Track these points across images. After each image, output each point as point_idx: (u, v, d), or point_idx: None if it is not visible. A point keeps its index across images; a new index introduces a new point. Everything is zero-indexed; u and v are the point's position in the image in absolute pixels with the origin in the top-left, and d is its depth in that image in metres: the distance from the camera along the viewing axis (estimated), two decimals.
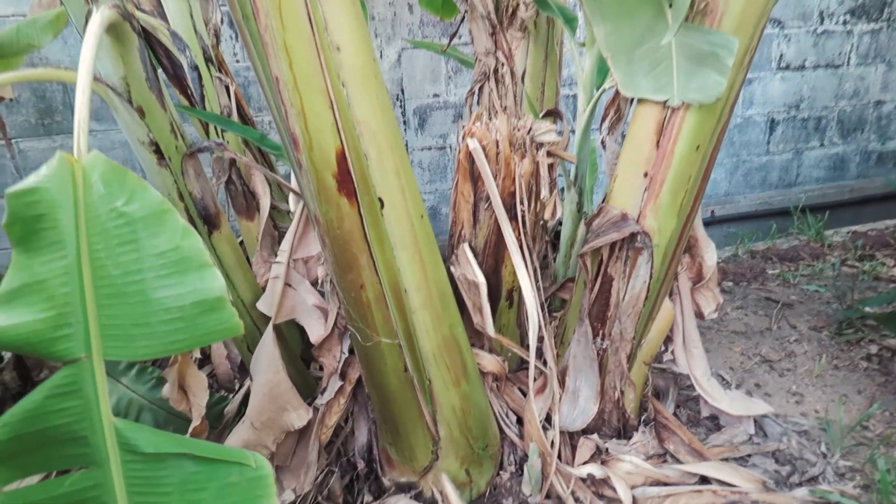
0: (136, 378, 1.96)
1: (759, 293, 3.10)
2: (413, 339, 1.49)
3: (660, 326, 1.86)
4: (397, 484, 1.72)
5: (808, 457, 1.96)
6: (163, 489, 0.95)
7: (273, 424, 1.69)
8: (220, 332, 0.95)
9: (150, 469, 0.95)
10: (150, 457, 0.94)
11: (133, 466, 0.94)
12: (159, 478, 0.95)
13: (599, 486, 1.78)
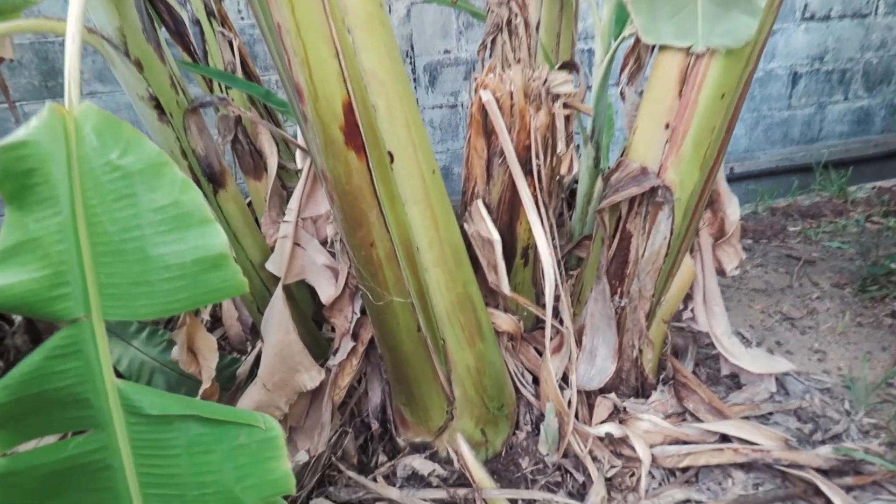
0: (146, 340, 1.94)
1: (780, 250, 3.03)
2: (426, 297, 1.45)
3: (680, 284, 1.81)
4: (412, 444, 1.70)
5: (831, 414, 1.92)
6: (170, 451, 0.93)
7: (285, 385, 1.67)
8: (224, 290, 0.91)
9: (156, 431, 0.92)
10: (155, 419, 0.91)
11: (138, 429, 0.91)
12: (166, 440, 0.92)
13: (617, 446, 1.75)
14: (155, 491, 0.94)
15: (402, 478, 1.64)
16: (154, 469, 0.93)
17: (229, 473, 0.95)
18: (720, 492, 1.68)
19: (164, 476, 0.94)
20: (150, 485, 0.94)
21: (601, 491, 1.63)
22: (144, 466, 0.93)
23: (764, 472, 1.73)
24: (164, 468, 0.93)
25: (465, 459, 1.59)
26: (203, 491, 0.95)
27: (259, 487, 0.96)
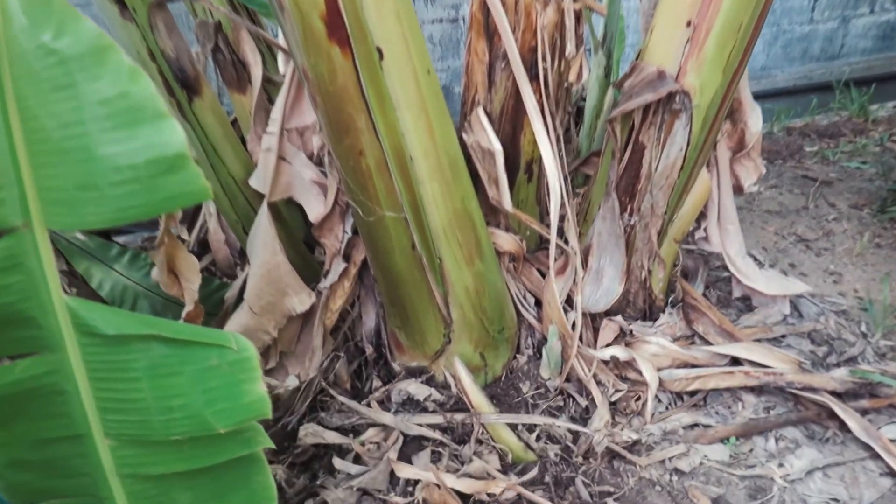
0: (129, 264, 1.85)
1: (796, 171, 2.89)
2: (421, 213, 1.34)
3: (694, 200, 1.69)
4: (407, 369, 1.62)
5: (846, 337, 1.84)
6: (129, 374, 0.84)
7: (273, 309, 1.58)
8: (184, 196, 0.80)
9: (113, 353, 0.83)
10: (111, 339, 0.82)
11: (93, 350, 0.82)
12: (124, 362, 0.83)
13: (623, 369, 1.67)
14: (116, 417, 0.86)
15: (397, 403, 1.57)
16: (113, 393, 0.85)
17: (198, 397, 0.86)
18: (729, 416, 1.62)
19: (125, 401, 0.85)
20: (110, 410, 0.85)
21: (605, 415, 1.56)
22: (102, 391, 0.84)
23: (775, 395, 1.65)
24: (124, 392, 0.84)
25: (462, 384, 1.51)
26: (170, 416, 0.86)
27: (232, 411, 0.88)
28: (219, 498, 0.98)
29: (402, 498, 1.43)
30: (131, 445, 0.89)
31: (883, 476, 1.46)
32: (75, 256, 1.82)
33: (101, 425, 0.87)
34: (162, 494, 0.94)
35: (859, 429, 1.51)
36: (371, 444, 1.51)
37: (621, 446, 1.53)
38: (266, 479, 0.99)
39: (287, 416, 1.60)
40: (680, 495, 1.45)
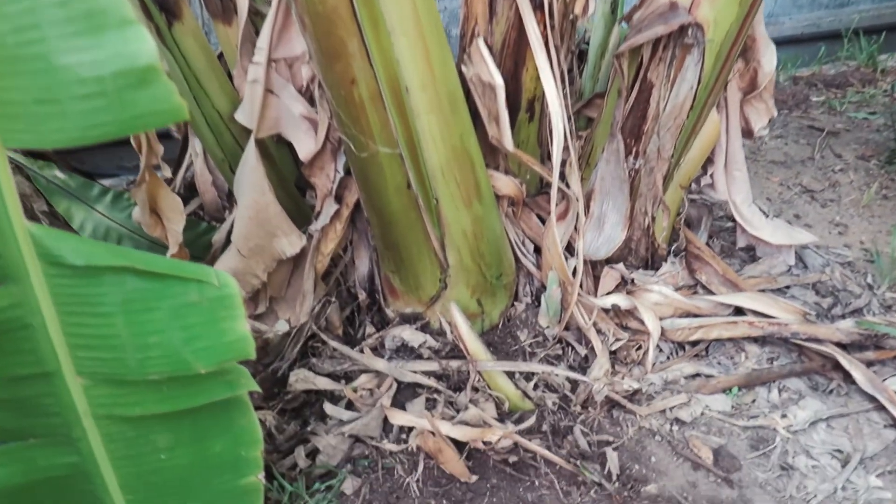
0: (111, 204, 1.78)
1: (802, 121, 2.81)
2: (417, 149, 1.26)
3: (702, 143, 1.62)
4: (402, 315, 1.57)
5: (852, 288, 1.79)
6: (101, 309, 0.77)
7: (262, 251, 1.51)
8: (156, 116, 0.72)
9: (84, 285, 0.76)
10: (81, 271, 0.75)
11: (61, 282, 0.76)
12: (96, 296, 0.77)
13: (624, 318, 1.62)
14: (88, 354, 0.80)
15: (391, 349, 1.52)
16: (84, 329, 0.78)
17: (176, 334, 0.80)
18: (731, 366, 1.58)
19: (98, 337, 0.79)
20: (82, 347, 0.79)
21: (605, 364, 1.52)
22: (72, 326, 0.78)
23: (779, 346, 1.61)
24: (96, 328, 0.78)
25: (458, 330, 1.46)
26: (146, 354, 0.80)
27: (212, 350, 0.82)
28: (200, 441, 0.93)
29: (395, 445, 1.39)
30: (106, 385, 0.83)
31: (887, 428, 1.43)
32: (55, 196, 1.75)
33: (73, 363, 0.81)
34: (140, 437, 0.89)
35: (864, 380, 1.47)
36: (364, 391, 1.46)
37: (621, 395, 1.49)
38: (251, 422, 0.94)
39: (277, 361, 1.55)
40: (680, 445, 1.42)
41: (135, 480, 0.93)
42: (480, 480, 1.37)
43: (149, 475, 0.93)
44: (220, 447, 0.94)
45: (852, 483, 1.32)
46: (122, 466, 0.91)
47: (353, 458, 1.41)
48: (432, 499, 1.34)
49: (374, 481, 1.37)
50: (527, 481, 1.37)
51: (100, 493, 0.90)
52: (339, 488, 1.35)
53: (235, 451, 0.95)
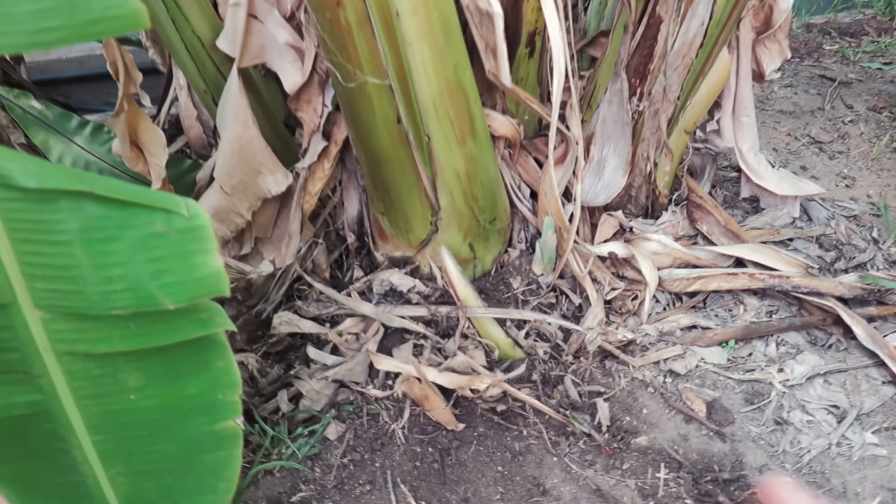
0: (91, 138, 1.70)
1: (813, 70, 2.71)
2: (408, 80, 1.18)
3: (710, 85, 1.54)
4: (391, 258, 1.51)
5: (856, 243, 1.74)
6: (59, 237, 0.71)
7: (246, 189, 1.45)
8: (112, 21, 0.65)
9: (37, 211, 0.70)
10: (33, 194, 0.69)
11: (11, 206, 0.69)
12: (52, 223, 0.71)
13: (621, 267, 1.57)
14: (46, 285, 0.74)
15: (379, 294, 1.47)
16: (41, 258, 0.73)
17: (142, 268, 0.75)
18: (729, 319, 1.54)
19: (56, 267, 0.73)
20: (39, 277, 0.74)
21: (599, 314, 1.47)
22: (27, 255, 0.72)
23: (779, 299, 1.57)
24: (53, 258, 0.72)
25: (449, 275, 1.41)
26: (109, 287, 0.75)
27: (182, 286, 0.76)
28: (173, 382, 0.88)
29: (380, 391, 1.36)
30: (67, 319, 0.78)
31: (886, 384, 1.39)
32: (32, 127, 1.67)
33: (30, 294, 0.75)
34: (106, 375, 0.84)
35: (865, 335, 1.43)
36: (349, 335, 1.42)
37: (614, 346, 1.45)
38: (228, 364, 0.88)
39: (261, 303, 1.50)
40: (673, 397, 1.39)
41: (102, 420, 0.88)
42: (467, 429, 1.34)
43: (117, 416, 0.89)
44: (194, 389, 0.89)
45: (847, 439, 1.29)
46: (87, 406, 0.86)
47: (338, 403, 1.38)
48: (418, 446, 1.31)
49: (358, 427, 1.34)
50: (515, 430, 1.34)
51: (64, 432, 0.86)
52: (322, 433, 1.32)
53: (212, 394, 0.90)
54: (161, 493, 0.96)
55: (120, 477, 0.92)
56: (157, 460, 0.92)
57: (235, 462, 0.94)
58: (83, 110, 2.24)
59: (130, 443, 0.91)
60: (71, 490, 0.92)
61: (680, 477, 1.26)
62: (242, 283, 1.46)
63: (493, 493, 1.25)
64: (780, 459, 1.27)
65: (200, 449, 0.93)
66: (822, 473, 1.24)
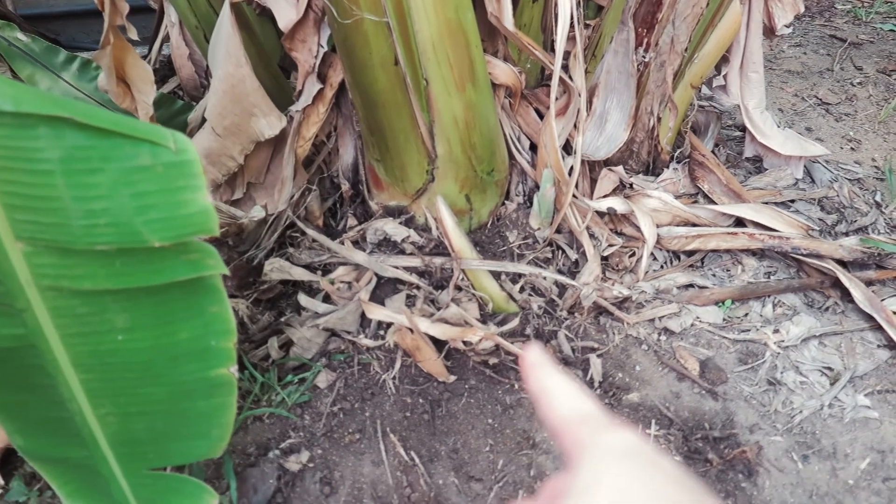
0: (78, 73, 1.65)
1: (823, 30, 2.65)
2: (406, 19, 1.14)
3: (720, 38, 1.49)
4: (386, 207, 1.49)
5: (859, 206, 1.71)
6: (38, 166, 0.68)
7: (238, 131, 1.41)
8: None
9: (15, 136, 0.67)
10: (9, 118, 0.66)
11: None
12: (31, 150, 0.68)
13: (619, 223, 1.55)
14: (26, 217, 0.71)
15: (373, 243, 1.44)
16: (20, 188, 0.70)
17: (126, 202, 0.72)
18: (727, 278, 1.52)
19: (36, 198, 0.70)
20: (18, 208, 0.71)
21: (595, 269, 1.45)
22: (6, 183, 0.69)
23: (778, 260, 1.55)
24: (33, 187, 0.70)
25: (444, 226, 1.38)
26: (92, 221, 0.72)
27: (169, 223, 0.73)
28: (164, 325, 0.86)
29: (371, 341, 1.34)
30: (49, 253, 0.75)
31: (881, 348, 1.38)
32: (17, 60, 1.62)
33: (10, 225, 0.72)
34: (93, 314, 0.82)
35: (863, 299, 1.42)
36: (341, 284, 1.40)
37: (610, 302, 1.44)
38: (223, 311, 0.86)
39: (253, 249, 1.47)
40: (667, 355, 1.38)
41: (89, 359, 0.86)
42: (459, 381, 1.33)
43: (105, 355, 0.87)
44: (186, 334, 0.87)
45: (840, 401, 1.29)
46: (74, 344, 0.84)
47: (329, 352, 1.36)
48: (408, 397, 1.30)
49: (349, 376, 1.33)
50: (506, 384, 1.33)
51: (50, 368, 0.84)
52: (312, 381, 1.31)
53: (205, 340, 0.88)
54: (151, 436, 0.94)
55: (109, 417, 0.91)
56: (147, 403, 0.91)
57: (229, 410, 0.92)
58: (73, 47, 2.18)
59: (119, 384, 0.89)
60: (60, 425, 0.91)
61: (670, 434, 1.25)
62: (234, 228, 1.43)
63: (482, 445, 1.24)
64: (771, 419, 1.27)
65: (192, 395, 0.91)
66: (813, 434, 1.24)
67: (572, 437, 0.38)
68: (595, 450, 0.35)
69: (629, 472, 0.34)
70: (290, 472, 1.19)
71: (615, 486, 0.33)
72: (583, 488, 0.34)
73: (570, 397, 0.40)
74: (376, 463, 1.21)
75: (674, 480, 0.33)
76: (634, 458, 0.35)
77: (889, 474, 1.17)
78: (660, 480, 0.33)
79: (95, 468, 0.92)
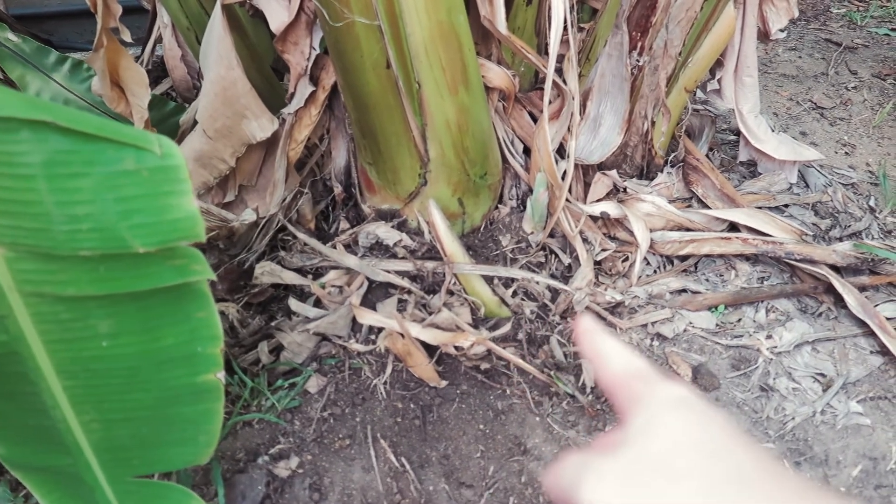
0: (69, 75, 1.64)
1: (818, 34, 2.65)
2: (398, 22, 1.13)
3: (714, 42, 1.49)
4: (378, 211, 1.48)
5: (853, 211, 1.71)
6: (20, 170, 0.67)
7: (230, 134, 1.40)
8: None
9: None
10: None
11: None
12: (12, 154, 0.67)
13: (612, 228, 1.54)
14: (8, 221, 0.71)
15: (364, 247, 1.43)
16: (1, 192, 0.68)
17: (110, 207, 0.71)
18: (720, 283, 1.51)
19: (18, 202, 0.69)
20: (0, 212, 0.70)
21: (588, 274, 1.45)
22: None
23: (771, 265, 1.55)
24: (14, 192, 0.69)
25: (437, 230, 1.37)
26: (75, 226, 0.71)
27: (154, 228, 0.72)
28: (149, 331, 0.84)
29: (363, 345, 1.33)
30: (32, 258, 0.74)
31: (873, 354, 1.38)
32: (7, 61, 1.60)
33: None
34: (76, 320, 0.81)
35: (856, 304, 1.42)
36: (332, 288, 1.39)
37: (602, 307, 1.43)
38: (209, 316, 0.84)
39: (244, 252, 1.46)
40: (659, 361, 1.37)
41: (72, 366, 0.85)
42: (450, 386, 1.32)
43: (88, 362, 0.85)
44: (172, 340, 0.86)
45: (832, 407, 1.28)
46: (57, 350, 0.83)
47: (320, 356, 1.35)
48: (399, 402, 1.30)
49: (339, 381, 1.32)
50: (498, 389, 1.32)
51: (32, 375, 0.83)
52: (302, 386, 1.30)
53: (191, 346, 0.87)
54: (136, 443, 0.93)
55: (93, 423, 0.90)
56: (132, 409, 0.89)
57: (216, 416, 0.91)
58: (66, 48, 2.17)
59: (103, 390, 0.88)
60: (43, 433, 0.89)
61: None
62: (225, 231, 1.42)
63: (473, 450, 1.24)
64: (763, 425, 1.26)
65: (178, 401, 0.90)
66: (805, 441, 1.23)
67: (626, 392, 0.40)
68: (649, 400, 0.37)
69: (681, 419, 0.36)
70: (279, 479, 1.18)
71: (668, 432, 0.35)
72: (638, 434, 0.36)
73: (623, 357, 0.42)
74: (366, 469, 1.20)
75: (723, 428, 0.35)
76: (686, 407, 0.36)
77: (881, 481, 1.17)
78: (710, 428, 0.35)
79: (79, 476, 0.91)
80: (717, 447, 0.34)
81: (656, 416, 0.36)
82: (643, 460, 0.34)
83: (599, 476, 0.34)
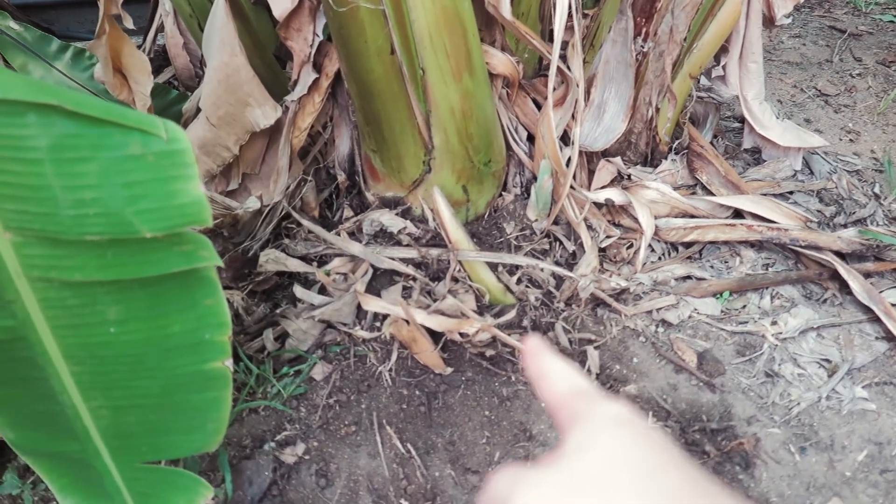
0: (72, 63, 1.63)
1: (823, 21, 2.63)
2: (403, 8, 1.12)
3: (719, 27, 1.48)
4: (382, 199, 1.47)
5: (857, 198, 1.71)
6: (27, 154, 0.67)
7: (233, 121, 1.39)
8: None
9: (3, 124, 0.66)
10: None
11: None
12: (19, 138, 0.67)
13: (617, 215, 1.54)
14: (14, 206, 0.70)
15: (369, 234, 1.43)
16: (8, 176, 0.68)
17: (117, 192, 0.71)
18: (725, 270, 1.51)
19: (24, 187, 0.69)
20: (7, 197, 0.70)
21: (593, 261, 1.45)
22: None
23: (776, 252, 1.55)
24: (21, 176, 0.68)
25: (441, 217, 1.37)
26: (82, 211, 0.71)
27: (160, 213, 0.72)
28: (157, 318, 0.84)
29: (367, 332, 1.34)
30: (39, 243, 0.74)
31: (879, 340, 1.38)
32: (9, 49, 1.59)
33: None
34: (84, 305, 0.81)
35: (861, 291, 1.41)
36: (337, 275, 1.39)
37: (607, 294, 1.43)
38: (217, 303, 0.84)
39: (248, 240, 1.46)
40: (664, 347, 1.37)
41: (80, 352, 0.85)
42: (455, 373, 1.32)
43: (96, 348, 0.86)
44: (180, 327, 0.85)
45: (837, 393, 1.28)
46: (64, 336, 0.83)
47: (325, 343, 1.36)
48: (405, 389, 1.30)
49: (345, 368, 1.32)
50: (503, 376, 1.33)
51: (40, 361, 0.83)
52: (308, 373, 1.30)
53: (199, 334, 0.86)
54: (144, 430, 0.93)
55: (101, 410, 0.90)
56: (140, 396, 0.90)
57: (224, 403, 0.91)
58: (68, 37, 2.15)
59: (111, 377, 0.88)
60: (52, 419, 0.90)
61: (667, 426, 1.25)
62: (229, 219, 1.42)
63: (479, 437, 1.24)
64: (768, 411, 1.26)
65: (186, 388, 0.90)
66: (811, 426, 1.23)
67: (568, 410, 0.40)
68: (588, 418, 0.38)
69: (619, 437, 0.36)
70: (285, 465, 1.19)
71: (605, 449, 0.35)
72: (574, 450, 0.36)
73: (567, 377, 0.42)
74: (372, 455, 1.20)
75: (661, 447, 0.35)
76: (625, 425, 0.37)
77: (886, 466, 1.17)
78: (647, 446, 0.35)
79: (88, 462, 0.92)
80: (653, 466, 0.34)
81: (594, 434, 0.36)
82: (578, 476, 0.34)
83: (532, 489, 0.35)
